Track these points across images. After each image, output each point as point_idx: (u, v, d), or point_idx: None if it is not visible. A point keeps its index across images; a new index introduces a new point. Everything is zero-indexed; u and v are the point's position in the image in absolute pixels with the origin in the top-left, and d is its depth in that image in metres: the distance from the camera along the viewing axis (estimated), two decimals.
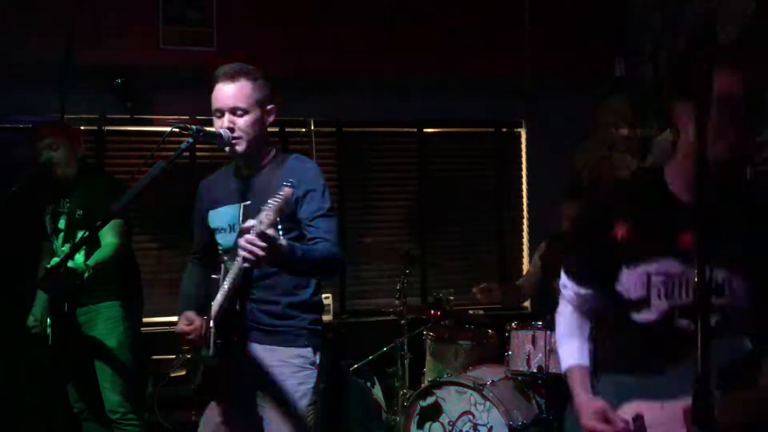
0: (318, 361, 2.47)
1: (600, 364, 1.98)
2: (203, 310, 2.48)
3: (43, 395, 4.08)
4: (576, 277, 2.02)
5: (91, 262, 3.34)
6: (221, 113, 2.41)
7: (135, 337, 3.60)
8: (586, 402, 1.88)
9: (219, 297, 2.32)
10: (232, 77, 2.39)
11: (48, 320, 3.46)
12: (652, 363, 1.81)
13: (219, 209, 2.52)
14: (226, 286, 2.26)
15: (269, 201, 2.04)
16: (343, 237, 5.00)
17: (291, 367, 2.43)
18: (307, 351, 2.46)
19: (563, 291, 2.08)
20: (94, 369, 3.51)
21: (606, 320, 2.04)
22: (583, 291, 2.00)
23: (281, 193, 2.05)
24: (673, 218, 1.79)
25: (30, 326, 3.63)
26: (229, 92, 2.39)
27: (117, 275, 3.52)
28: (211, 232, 2.56)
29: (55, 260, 3.34)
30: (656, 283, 1.80)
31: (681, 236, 1.76)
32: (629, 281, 1.85)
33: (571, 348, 2.01)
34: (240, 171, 2.52)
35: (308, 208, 2.38)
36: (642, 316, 1.84)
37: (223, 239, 2.50)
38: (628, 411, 1.81)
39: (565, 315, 2.07)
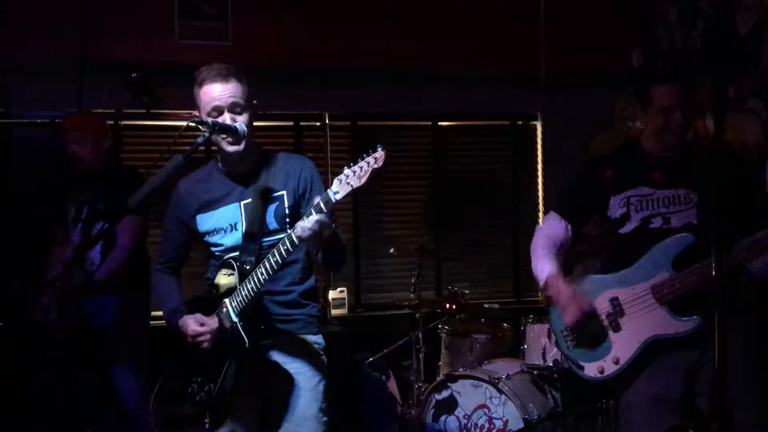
0: (326, 347, 2.57)
1: (579, 274, 2.85)
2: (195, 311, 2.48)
3: (48, 393, 4.06)
4: (567, 214, 2.79)
5: (101, 275, 3.36)
6: (219, 112, 2.41)
7: (142, 329, 3.58)
8: (564, 289, 2.66)
9: (243, 292, 2.34)
10: (225, 77, 2.41)
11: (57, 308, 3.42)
12: (627, 260, 2.60)
13: (214, 211, 2.51)
14: (260, 279, 2.29)
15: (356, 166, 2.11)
16: (357, 231, 5.07)
17: (307, 354, 2.49)
18: (320, 338, 2.56)
19: (547, 223, 2.83)
20: (104, 365, 3.49)
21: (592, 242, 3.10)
22: (565, 224, 2.78)
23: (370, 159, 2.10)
24: (644, 163, 2.66)
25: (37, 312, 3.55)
26: (227, 91, 2.40)
27: (129, 267, 3.49)
28: (196, 237, 2.57)
29: None
30: (634, 202, 2.61)
31: (650, 173, 2.62)
32: (615, 204, 2.65)
33: (545, 263, 2.74)
34: (232, 169, 2.51)
35: None
36: (624, 228, 2.62)
37: (226, 239, 2.50)
38: (603, 298, 2.62)
39: (544, 240, 2.80)
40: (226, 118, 2.40)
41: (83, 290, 3.42)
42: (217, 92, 2.40)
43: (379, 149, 2.09)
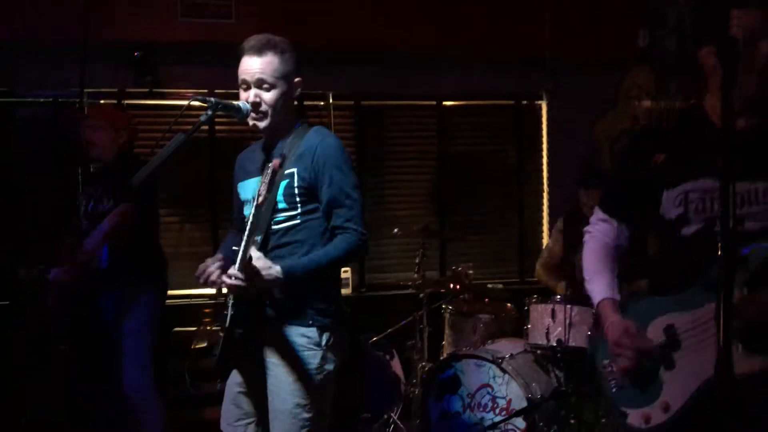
0: (325, 342, 2.40)
1: (631, 294, 2.18)
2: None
3: (56, 381, 4.08)
4: (615, 211, 2.20)
5: (87, 247, 3.36)
6: (247, 86, 2.39)
7: (155, 320, 3.57)
8: (617, 322, 2.06)
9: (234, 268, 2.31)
10: (258, 50, 2.37)
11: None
12: (685, 276, 1.99)
13: (246, 182, 2.52)
14: (238, 258, 2.25)
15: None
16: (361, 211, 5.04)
17: (294, 345, 2.37)
18: (312, 331, 2.38)
19: (594, 226, 2.24)
20: (111, 354, 3.47)
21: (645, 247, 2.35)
22: (617, 224, 2.18)
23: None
24: (711, 142, 1.89)
25: (50, 307, 3.56)
26: (255, 66, 2.36)
27: (138, 261, 3.49)
28: (242, 205, 2.57)
29: None
30: (693, 200, 1.98)
31: (717, 155, 1.87)
32: (669, 201, 2.03)
33: (602, 283, 2.16)
34: (266, 143, 2.52)
35: (329, 191, 2.35)
36: (683, 231, 2.01)
37: (247, 211, 2.48)
38: (658, 325, 2.02)
39: (595, 251, 2.22)
40: (251, 94, 2.37)
41: (85, 277, 3.41)
42: (246, 66, 2.38)
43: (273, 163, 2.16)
